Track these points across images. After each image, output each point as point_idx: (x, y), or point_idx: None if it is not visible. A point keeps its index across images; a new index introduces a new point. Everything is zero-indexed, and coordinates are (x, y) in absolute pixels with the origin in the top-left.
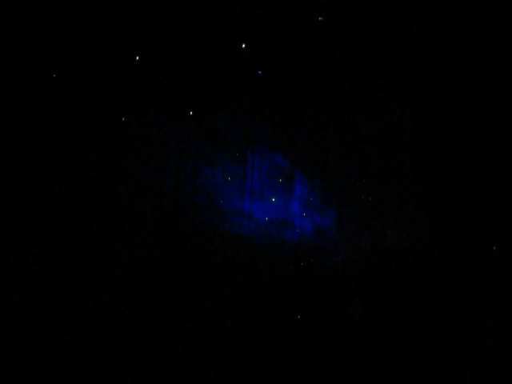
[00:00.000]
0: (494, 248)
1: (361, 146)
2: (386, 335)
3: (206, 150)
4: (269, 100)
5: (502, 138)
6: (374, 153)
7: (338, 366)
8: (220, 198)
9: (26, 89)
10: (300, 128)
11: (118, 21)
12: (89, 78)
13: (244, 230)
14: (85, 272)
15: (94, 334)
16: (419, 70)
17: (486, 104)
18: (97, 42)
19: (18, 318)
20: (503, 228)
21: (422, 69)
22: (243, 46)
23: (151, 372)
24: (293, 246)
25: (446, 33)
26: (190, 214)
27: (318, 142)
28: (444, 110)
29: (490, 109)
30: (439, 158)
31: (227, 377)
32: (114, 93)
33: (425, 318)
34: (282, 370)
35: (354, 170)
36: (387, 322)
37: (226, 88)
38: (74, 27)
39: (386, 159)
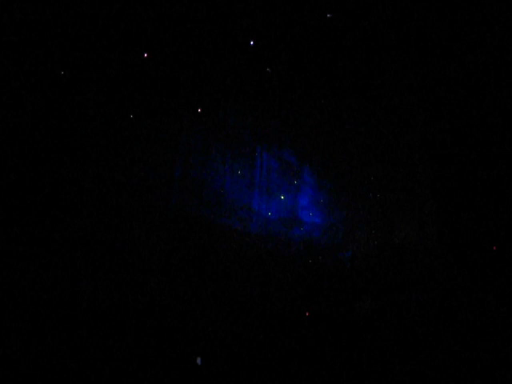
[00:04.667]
0: (494, 248)
1: (370, 145)
2: (394, 332)
3: (214, 148)
4: (278, 97)
5: None
6: (382, 151)
7: (347, 362)
8: (228, 196)
9: (34, 86)
10: (309, 126)
11: (125, 19)
12: (97, 76)
13: (252, 227)
14: (90, 268)
15: (97, 333)
16: (428, 67)
17: (499, 103)
18: (105, 40)
19: (19, 317)
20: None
21: (431, 66)
22: (251, 43)
23: (154, 372)
24: (301, 244)
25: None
26: (198, 212)
27: (326, 140)
28: (454, 109)
29: (503, 108)
30: (448, 156)
31: (235, 376)
32: (123, 90)
33: (432, 315)
34: (290, 368)
35: (363, 168)
36: (395, 318)
37: (235, 85)
38: (82, 24)
39: (395, 157)
